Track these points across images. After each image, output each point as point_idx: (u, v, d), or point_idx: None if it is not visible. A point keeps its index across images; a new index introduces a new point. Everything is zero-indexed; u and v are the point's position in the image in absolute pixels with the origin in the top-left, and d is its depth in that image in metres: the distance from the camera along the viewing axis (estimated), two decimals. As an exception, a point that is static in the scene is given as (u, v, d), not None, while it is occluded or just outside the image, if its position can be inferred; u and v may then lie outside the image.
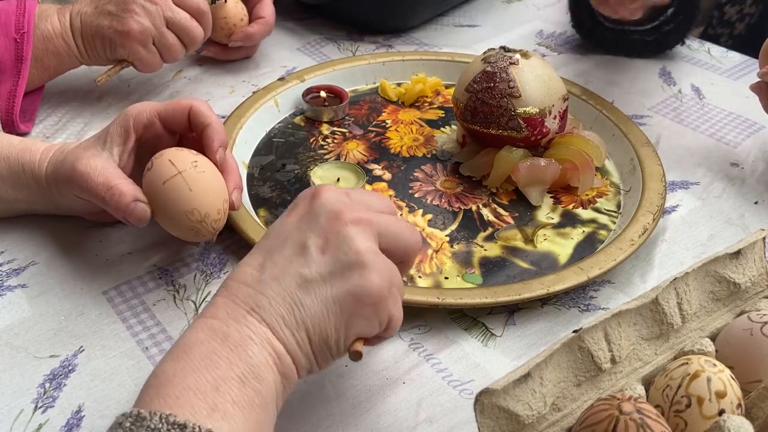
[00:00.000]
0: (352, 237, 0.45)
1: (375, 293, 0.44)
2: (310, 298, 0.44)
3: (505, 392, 0.43)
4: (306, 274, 0.44)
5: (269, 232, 0.48)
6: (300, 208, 0.47)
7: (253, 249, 0.47)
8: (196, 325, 0.43)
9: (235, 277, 0.45)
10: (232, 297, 0.44)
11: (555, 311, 0.61)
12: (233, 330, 0.42)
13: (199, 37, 0.80)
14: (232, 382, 0.40)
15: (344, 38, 1.01)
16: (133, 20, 0.75)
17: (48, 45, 0.76)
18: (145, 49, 0.77)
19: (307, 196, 0.48)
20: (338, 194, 0.47)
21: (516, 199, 0.72)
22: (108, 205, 0.58)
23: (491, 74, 0.71)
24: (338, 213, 0.45)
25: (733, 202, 0.73)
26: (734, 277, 0.53)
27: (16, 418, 0.51)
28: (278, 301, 0.44)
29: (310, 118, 0.83)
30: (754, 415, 0.45)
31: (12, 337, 0.57)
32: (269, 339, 0.43)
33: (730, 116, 0.86)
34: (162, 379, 0.40)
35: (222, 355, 0.41)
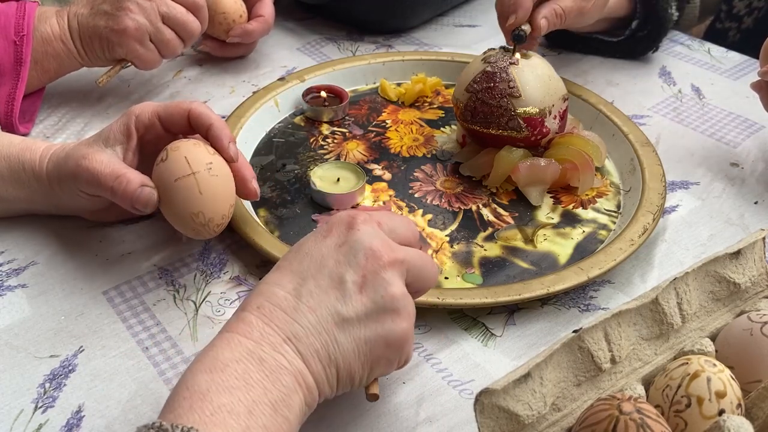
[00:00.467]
0: (389, 281, 0.46)
1: (403, 339, 0.46)
2: (344, 336, 0.45)
3: (505, 392, 0.43)
4: (343, 312, 0.45)
5: (300, 251, 0.47)
6: (335, 236, 0.47)
7: (281, 265, 0.47)
8: (230, 341, 0.43)
9: (268, 298, 0.45)
10: (266, 320, 0.44)
11: (555, 311, 0.61)
12: (268, 356, 0.43)
13: (196, 31, 0.80)
14: (265, 407, 0.41)
15: (344, 38, 1.01)
16: (128, 18, 0.75)
17: (47, 48, 0.76)
18: (143, 47, 0.77)
19: (343, 222, 0.48)
20: (374, 228, 0.48)
21: (516, 199, 0.72)
22: (116, 193, 0.58)
23: (491, 74, 0.71)
24: (376, 252, 0.46)
25: (733, 202, 0.73)
26: (734, 277, 0.53)
27: (16, 418, 0.51)
28: (314, 334, 0.44)
29: (310, 118, 0.83)
30: (754, 415, 0.45)
31: (12, 337, 0.57)
32: (302, 371, 0.44)
33: (730, 116, 0.86)
34: (195, 392, 0.40)
35: (257, 379, 0.42)
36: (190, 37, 0.80)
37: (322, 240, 0.47)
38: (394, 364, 0.47)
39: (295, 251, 0.48)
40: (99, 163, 0.59)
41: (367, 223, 0.48)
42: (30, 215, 0.67)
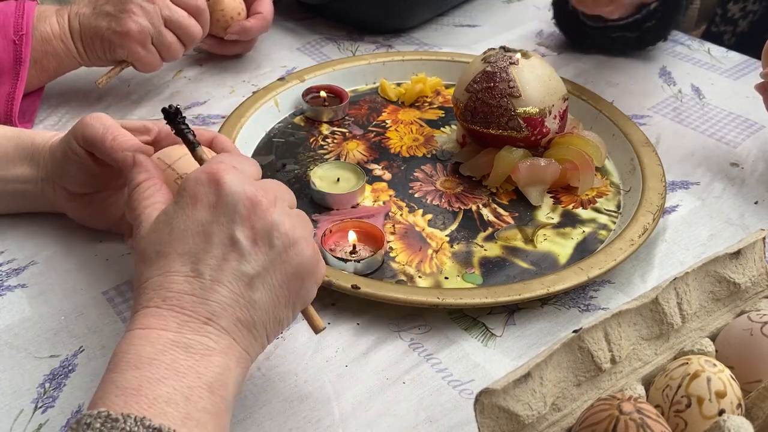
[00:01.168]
0: (278, 221, 0.45)
1: (312, 262, 0.47)
2: (259, 293, 0.44)
3: (505, 392, 0.43)
4: (248, 270, 0.44)
5: (174, 230, 0.45)
6: (204, 200, 0.45)
7: (161, 251, 0.45)
8: (147, 337, 0.42)
9: (168, 288, 0.43)
10: (178, 309, 0.43)
11: (555, 311, 0.61)
12: (193, 341, 0.42)
13: (197, 35, 0.80)
14: (201, 391, 0.41)
15: (344, 38, 1.01)
16: (131, 20, 0.75)
17: (47, 47, 0.76)
18: (144, 49, 0.77)
19: (204, 181, 0.46)
20: (237, 175, 0.46)
21: (516, 199, 0.72)
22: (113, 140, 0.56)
23: (491, 74, 0.71)
24: (254, 199, 0.45)
25: (733, 202, 0.73)
26: (734, 277, 0.53)
27: (16, 418, 0.51)
28: (231, 305, 0.44)
29: (310, 118, 0.83)
30: (754, 415, 0.45)
31: (12, 337, 0.57)
32: (230, 346, 0.43)
33: (730, 116, 0.86)
34: (126, 389, 0.39)
35: (188, 366, 0.41)
36: (191, 41, 0.80)
37: (192, 209, 0.45)
38: (314, 287, 0.48)
39: (167, 231, 0.45)
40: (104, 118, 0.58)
41: (229, 172, 0.46)
42: (30, 215, 0.67)
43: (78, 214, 0.65)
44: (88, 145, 0.58)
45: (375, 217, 0.69)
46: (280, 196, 0.48)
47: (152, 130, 0.60)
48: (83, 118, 0.59)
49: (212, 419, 0.40)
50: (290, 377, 0.54)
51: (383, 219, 0.69)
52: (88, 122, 0.58)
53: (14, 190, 0.64)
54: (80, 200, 0.63)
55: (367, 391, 0.54)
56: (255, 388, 0.53)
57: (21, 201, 0.65)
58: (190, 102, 0.86)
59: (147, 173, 0.51)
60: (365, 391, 0.54)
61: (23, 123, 0.77)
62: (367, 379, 0.55)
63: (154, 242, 0.46)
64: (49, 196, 0.64)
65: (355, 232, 0.64)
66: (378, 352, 0.57)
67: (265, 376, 0.54)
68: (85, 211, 0.64)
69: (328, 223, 0.67)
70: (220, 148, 0.60)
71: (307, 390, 0.53)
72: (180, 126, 0.53)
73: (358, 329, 0.58)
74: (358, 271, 0.61)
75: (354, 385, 0.54)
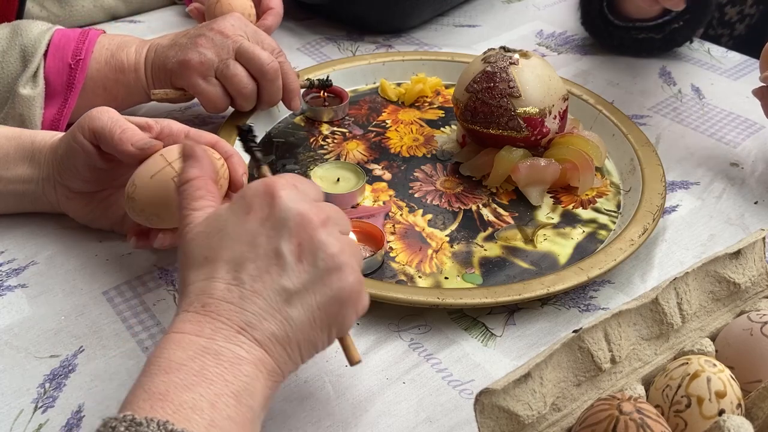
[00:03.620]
0: (325, 242, 0.45)
1: (354, 291, 0.46)
2: (296, 310, 0.44)
3: (505, 392, 0.43)
4: (288, 286, 0.44)
5: (224, 236, 0.45)
6: (258, 211, 0.45)
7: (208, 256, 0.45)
8: (180, 342, 0.42)
9: (210, 294, 0.44)
10: (214, 315, 0.43)
11: (555, 311, 0.61)
12: (225, 348, 0.42)
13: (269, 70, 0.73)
14: (228, 399, 0.40)
15: (344, 38, 1.01)
16: (196, 51, 0.72)
17: (119, 75, 0.73)
18: (205, 81, 0.72)
19: (260, 194, 0.46)
20: (295, 192, 0.46)
21: (516, 199, 0.72)
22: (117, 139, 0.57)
23: (491, 74, 0.71)
24: (305, 216, 0.45)
25: (733, 202, 0.73)
26: (734, 277, 0.53)
27: (16, 418, 0.51)
28: (266, 318, 0.43)
29: (310, 118, 0.83)
30: (754, 415, 0.45)
31: (12, 337, 0.57)
32: (262, 358, 0.43)
33: (730, 116, 0.86)
34: (154, 393, 0.39)
35: (216, 373, 0.41)
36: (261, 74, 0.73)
37: (244, 218, 0.45)
38: (353, 316, 0.47)
39: (218, 237, 0.45)
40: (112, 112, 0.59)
41: (286, 188, 0.46)
42: (30, 215, 0.67)
43: (79, 214, 0.65)
44: (95, 138, 0.59)
45: (375, 217, 0.69)
46: (334, 220, 0.47)
47: (154, 128, 0.61)
48: (90, 111, 0.59)
49: (237, 428, 0.40)
50: (290, 377, 0.54)
51: (383, 219, 0.69)
52: (96, 115, 0.58)
53: (15, 190, 0.64)
54: (81, 199, 0.63)
55: (367, 391, 0.54)
56: (255, 388, 0.53)
57: (21, 201, 0.65)
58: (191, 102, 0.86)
59: (200, 169, 0.50)
60: (365, 391, 0.54)
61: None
62: (367, 379, 0.55)
63: (203, 246, 0.45)
64: (50, 196, 0.64)
65: (355, 232, 0.64)
66: (378, 352, 0.57)
67: (265, 376, 0.54)
68: (86, 210, 0.64)
69: (328, 223, 0.67)
70: (225, 155, 0.60)
71: (307, 390, 0.53)
72: (250, 144, 0.54)
73: (358, 329, 0.58)
74: (358, 271, 0.61)
75: (354, 385, 0.54)
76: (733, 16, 1.11)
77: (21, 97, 0.70)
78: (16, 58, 0.70)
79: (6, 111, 0.70)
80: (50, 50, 0.71)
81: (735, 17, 1.06)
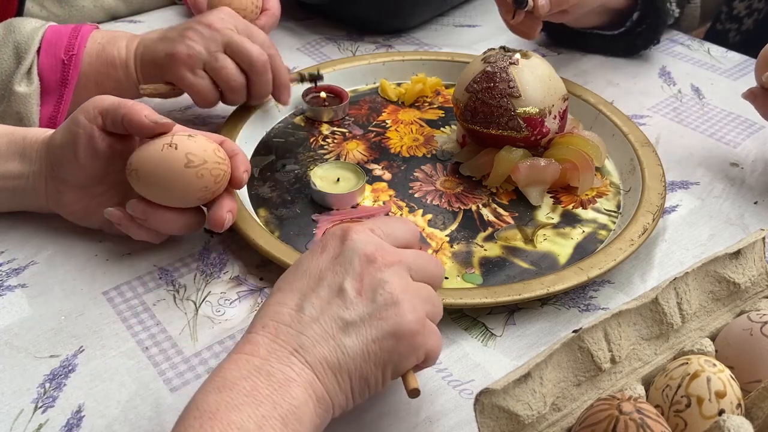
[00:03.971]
0: (387, 279, 0.46)
1: (410, 328, 0.46)
2: (351, 340, 0.45)
3: (505, 392, 0.43)
4: (346, 316, 0.45)
5: (298, 270, 0.48)
6: (330, 250, 0.48)
7: (281, 286, 0.48)
8: (237, 361, 0.43)
9: (272, 317, 0.46)
10: (272, 337, 0.45)
11: (555, 311, 0.61)
12: (276, 369, 0.43)
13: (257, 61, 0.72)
14: (274, 422, 0.41)
15: (344, 38, 1.01)
16: (184, 44, 0.71)
17: (110, 70, 0.74)
18: (193, 74, 0.72)
19: (336, 235, 0.49)
20: (367, 235, 0.49)
21: (516, 199, 0.72)
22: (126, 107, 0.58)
23: (491, 74, 0.71)
24: (371, 256, 0.47)
25: (733, 202, 0.73)
26: (734, 277, 0.53)
27: (16, 418, 0.51)
28: (320, 342, 0.45)
29: (310, 118, 0.83)
30: (754, 415, 0.45)
31: (12, 337, 0.57)
32: (312, 382, 0.44)
33: (730, 116, 0.86)
34: (205, 411, 0.41)
35: (265, 394, 0.42)
36: (250, 67, 0.73)
37: (318, 256, 0.48)
38: (411, 357, 0.47)
39: (294, 271, 0.49)
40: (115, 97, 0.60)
41: (360, 233, 0.49)
42: (30, 215, 0.67)
43: (71, 210, 0.64)
44: (102, 118, 0.59)
45: (375, 217, 0.69)
46: (406, 263, 0.48)
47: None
48: (93, 98, 0.60)
49: None
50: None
51: (383, 219, 0.69)
52: (100, 99, 0.60)
53: (4, 186, 0.64)
54: (74, 194, 0.63)
55: (367, 391, 0.54)
56: (255, 388, 0.53)
57: (10, 198, 0.65)
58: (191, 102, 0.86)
59: None
60: (365, 391, 0.54)
61: None
62: (367, 379, 0.54)
63: (282, 279, 0.49)
64: (41, 193, 0.63)
65: (355, 232, 0.64)
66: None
67: (265, 376, 0.54)
68: (79, 206, 0.64)
69: (328, 224, 0.67)
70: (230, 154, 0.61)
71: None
72: None
73: (358, 329, 0.58)
74: (358, 271, 0.61)
75: (354, 385, 0.54)
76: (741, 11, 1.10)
77: (17, 94, 0.70)
78: (10, 55, 0.70)
79: (2, 109, 0.70)
80: (43, 46, 0.71)
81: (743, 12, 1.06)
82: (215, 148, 0.59)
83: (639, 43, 0.94)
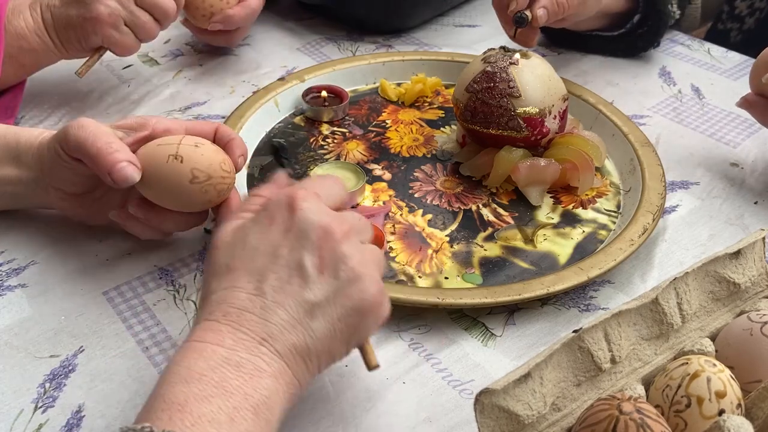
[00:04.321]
0: (346, 253, 0.45)
1: (374, 302, 0.46)
2: (318, 322, 0.44)
3: (505, 392, 0.43)
4: (310, 298, 0.44)
5: (246, 246, 0.46)
6: (280, 221, 0.46)
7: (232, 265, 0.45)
8: (202, 351, 0.42)
9: (231, 303, 0.44)
10: (236, 326, 0.43)
11: (555, 311, 0.61)
12: (245, 360, 0.42)
13: (171, 10, 0.78)
14: (246, 413, 0.40)
15: (344, 38, 1.01)
16: (100, 4, 0.74)
17: (22, 42, 0.74)
18: (118, 32, 0.75)
19: (283, 204, 0.47)
20: (317, 203, 0.47)
21: (516, 199, 0.72)
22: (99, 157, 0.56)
23: (491, 74, 0.71)
24: (327, 228, 0.46)
25: (733, 202, 0.73)
26: (734, 277, 0.53)
27: (16, 418, 0.51)
28: (288, 330, 0.44)
29: (310, 118, 0.83)
30: (754, 415, 0.45)
31: (12, 337, 0.57)
32: (282, 371, 0.43)
33: (730, 116, 0.86)
34: (173, 403, 0.39)
35: (236, 386, 0.41)
36: (165, 17, 0.78)
37: (267, 229, 0.46)
38: (373, 327, 0.47)
39: (241, 246, 0.46)
40: (94, 127, 0.57)
41: (308, 200, 0.47)
42: (30, 215, 0.67)
43: (75, 213, 0.64)
44: (76, 153, 0.57)
45: (375, 217, 0.69)
46: (356, 230, 0.48)
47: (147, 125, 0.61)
48: (66, 127, 0.58)
49: None
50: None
51: (383, 219, 0.69)
52: (72, 132, 0.57)
53: (2, 192, 0.64)
54: (75, 200, 0.63)
55: (367, 391, 0.54)
56: (255, 388, 0.53)
57: (10, 200, 0.65)
58: (190, 102, 0.86)
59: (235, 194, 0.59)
60: (365, 391, 0.54)
61: (5, 119, 0.76)
62: (367, 379, 0.54)
63: (227, 255, 0.46)
64: (42, 197, 0.63)
65: (355, 232, 0.64)
66: (378, 352, 0.56)
67: (265, 376, 0.54)
68: (82, 210, 0.64)
69: (328, 223, 0.67)
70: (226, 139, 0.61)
71: (308, 390, 0.53)
72: None
73: (358, 329, 0.58)
74: (358, 271, 0.61)
75: (354, 385, 0.54)
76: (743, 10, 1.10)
77: None
78: None
79: None
80: None
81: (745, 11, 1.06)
82: (221, 161, 0.59)
83: (640, 44, 0.94)
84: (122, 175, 0.56)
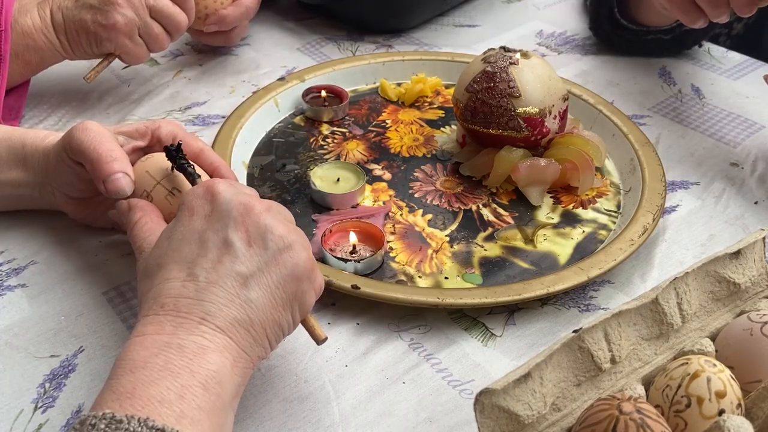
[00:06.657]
0: (272, 225, 0.47)
1: (307, 266, 0.47)
2: (254, 292, 0.45)
3: (505, 392, 0.43)
4: (243, 270, 0.45)
5: (172, 240, 0.47)
6: (200, 210, 0.48)
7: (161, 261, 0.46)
8: (143, 342, 0.42)
9: (167, 295, 0.44)
10: (173, 312, 0.44)
11: (555, 311, 0.61)
12: (187, 341, 0.42)
13: (183, 24, 0.80)
14: (195, 389, 0.41)
15: (344, 38, 1.01)
16: (118, 13, 0.74)
17: (28, 41, 0.74)
18: (132, 42, 0.77)
19: (200, 195, 0.48)
20: (234, 187, 0.49)
21: (516, 199, 0.72)
22: (96, 165, 0.56)
23: (491, 74, 0.71)
24: (247, 204, 0.47)
25: (733, 202, 0.73)
26: (734, 277, 0.53)
27: (16, 418, 0.51)
28: (226, 305, 0.44)
29: (310, 118, 0.83)
30: (754, 415, 0.45)
31: (12, 337, 0.57)
32: (226, 345, 0.43)
33: (730, 116, 0.86)
34: (122, 393, 0.40)
35: (181, 365, 0.41)
36: (177, 30, 0.79)
37: (189, 220, 0.48)
38: (311, 292, 0.48)
39: (166, 244, 0.47)
40: (97, 131, 0.58)
41: (225, 184, 0.49)
42: (30, 215, 0.67)
43: (80, 216, 0.65)
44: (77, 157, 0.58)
45: (375, 217, 0.69)
46: (276, 209, 0.49)
47: (147, 135, 0.61)
48: (71, 129, 0.58)
49: (207, 417, 0.41)
50: (290, 377, 0.54)
51: (383, 219, 0.69)
52: (76, 135, 0.57)
53: (9, 193, 0.64)
54: (80, 203, 0.63)
55: (367, 391, 0.54)
56: (255, 388, 0.53)
57: (18, 202, 0.65)
58: (190, 102, 0.86)
59: (142, 211, 0.55)
60: (365, 391, 0.54)
61: (10, 120, 0.76)
62: (367, 379, 0.55)
63: (154, 256, 0.48)
64: (48, 200, 0.64)
65: (355, 232, 0.64)
66: (378, 352, 0.57)
67: (265, 377, 0.54)
68: (86, 213, 0.64)
69: (328, 224, 0.67)
70: (208, 162, 0.62)
71: (307, 390, 0.53)
72: (181, 162, 0.57)
73: (358, 329, 0.58)
74: (358, 271, 0.61)
75: (354, 385, 0.54)
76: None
77: None
78: None
79: None
80: None
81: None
82: None
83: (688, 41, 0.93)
84: (115, 186, 0.56)
